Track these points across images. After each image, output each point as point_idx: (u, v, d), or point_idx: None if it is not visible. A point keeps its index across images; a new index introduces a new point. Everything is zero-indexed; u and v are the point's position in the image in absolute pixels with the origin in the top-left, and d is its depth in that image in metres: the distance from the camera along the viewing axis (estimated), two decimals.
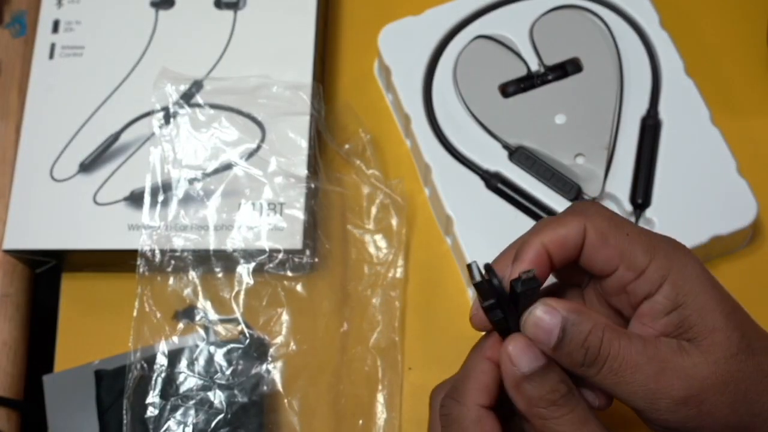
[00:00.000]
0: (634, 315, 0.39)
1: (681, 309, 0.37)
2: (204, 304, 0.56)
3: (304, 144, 0.57)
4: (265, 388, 0.54)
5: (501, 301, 0.37)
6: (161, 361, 0.54)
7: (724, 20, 0.64)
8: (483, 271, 0.37)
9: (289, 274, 0.56)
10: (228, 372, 0.54)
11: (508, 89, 0.59)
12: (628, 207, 0.55)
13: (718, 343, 0.36)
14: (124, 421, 0.52)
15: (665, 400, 0.36)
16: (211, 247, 0.56)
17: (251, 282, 0.56)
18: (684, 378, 0.36)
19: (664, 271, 0.37)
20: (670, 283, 0.37)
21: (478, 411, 0.39)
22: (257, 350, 0.54)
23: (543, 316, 0.37)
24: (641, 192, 0.55)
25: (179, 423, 0.52)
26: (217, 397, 0.53)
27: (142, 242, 0.55)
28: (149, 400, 0.53)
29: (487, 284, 0.37)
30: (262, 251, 0.56)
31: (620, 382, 0.36)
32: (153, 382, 0.53)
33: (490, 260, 0.40)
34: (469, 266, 0.37)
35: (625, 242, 0.38)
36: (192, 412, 0.53)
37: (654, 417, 0.37)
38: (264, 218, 0.56)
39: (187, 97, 0.59)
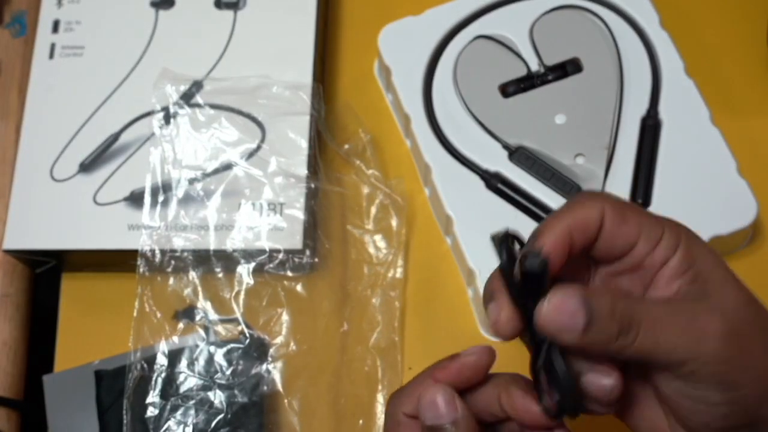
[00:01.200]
0: (651, 286, 0.39)
1: (696, 266, 0.37)
2: (204, 304, 0.56)
3: (304, 144, 0.57)
4: (265, 388, 0.54)
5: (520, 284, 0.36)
6: (161, 361, 0.54)
7: (724, 20, 0.64)
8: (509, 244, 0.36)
9: (289, 274, 0.56)
10: (228, 372, 0.54)
11: (508, 89, 0.59)
12: None
13: (732, 293, 0.37)
14: (124, 421, 0.52)
15: (709, 341, 0.35)
16: (211, 247, 0.56)
17: (251, 282, 0.56)
18: (719, 314, 0.36)
19: (677, 236, 0.38)
20: (683, 245, 0.38)
21: (401, 417, 0.41)
22: (257, 350, 0.54)
23: (562, 300, 0.35)
24: (641, 192, 0.55)
25: (179, 423, 0.52)
26: (217, 397, 0.53)
27: (142, 242, 0.55)
28: (149, 400, 0.53)
29: (510, 255, 0.36)
30: (262, 251, 0.56)
31: (659, 341, 0.36)
32: (153, 382, 0.53)
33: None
34: (494, 237, 0.36)
35: (641, 216, 0.38)
36: (192, 412, 0.53)
37: (698, 369, 0.36)
38: (264, 218, 0.56)
39: (187, 97, 0.59)
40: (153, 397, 0.53)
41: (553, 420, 0.38)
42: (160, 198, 0.56)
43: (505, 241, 0.36)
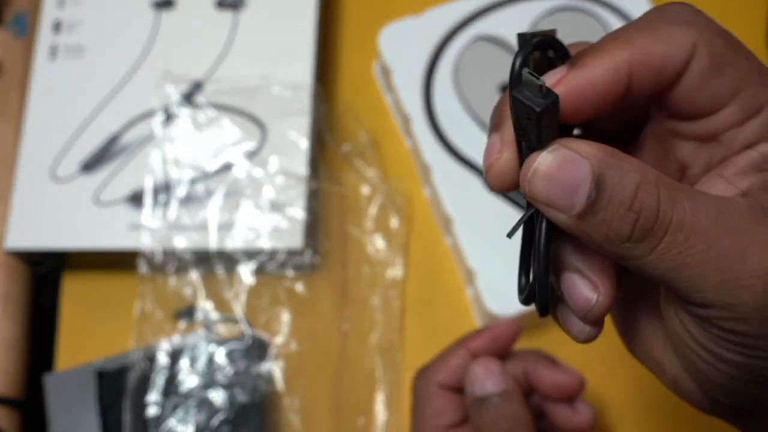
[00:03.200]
0: (714, 168, 0.28)
1: None
2: (205, 304, 0.56)
3: (304, 144, 0.57)
4: (265, 387, 0.54)
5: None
6: (162, 360, 0.54)
7: (724, 20, 0.63)
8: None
9: (290, 273, 0.57)
10: (229, 371, 0.54)
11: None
12: None
13: None
14: (126, 421, 0.53)
15: (751, 289, 0.25)
16: (212, 246, 0.56)
17: (252, 282, 0.56)
18: None
19: None
20: None
21: (434, 388, 0.39)
22: (258, 350, 0.55)
23: (563, 161, 0.25)
24: None
25: (180, 422, 0.53)
26: (218, 397, 0.53)
27: (144, 242, 0.56)
28: (150, 399, 0.53)
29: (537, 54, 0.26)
30: (262, 251, 0.56)
31: (684, 264, 0.25)
32: (154, 381, 0.53)
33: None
34: (520, 37, 0.26)
35: (744, 70, 0.27)
36: (193, 411, 0.53)
37: (723, 322, 0.26)
38: (264, 218, 0.56)
39: (187, 98, 0.59)
40: (154, 396, 0.53)
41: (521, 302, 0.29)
42: (161, 198, 0.57)
43: (527, 47, 0.26)
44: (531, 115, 0.25)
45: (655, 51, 0.26)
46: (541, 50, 0.27)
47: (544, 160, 0.25)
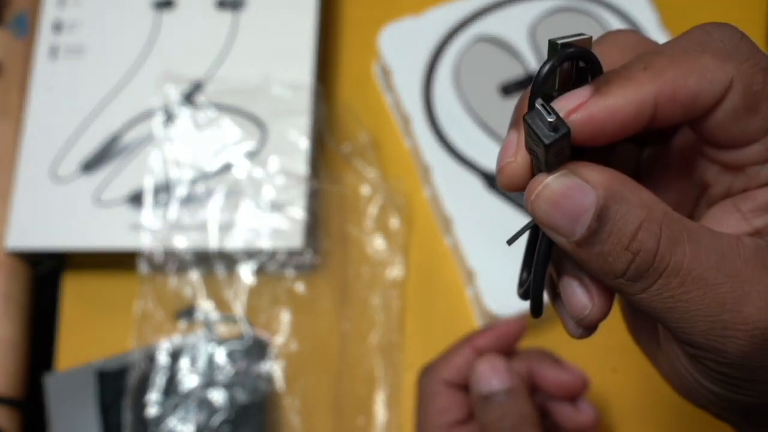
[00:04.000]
0: (732, 198, 0.28)
1: None
2: (205, 304, 0.56)
3: (304, 144, 0.57)
4: (265, 387, 0.54)
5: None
6: (163, 360, 0.54)
7: (724, 20, 0.64)
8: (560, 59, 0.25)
9: (290, 273, 0.57)
10: (229, 371, 0.54)
11: (508, 89, 0.59)
12: None
13: None
14: (126, 421, 0.53)
15: (738, 341, 0.25)
16: (213, 246, 0.56)
17: (252, 281, 0.56)
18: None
19: None
20: None
21: (439, 385, 0.39)
22: (258, 349, 0.55)
23: (568, 188, 0.25)
24: None
25: (180, 422, 0.53)
26: (218, 397, 0.53)
27: (144, 242, 0.56)
28: (150, 399, 0.53)
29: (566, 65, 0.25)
30: (262, 251, 0.56)
31: (675, 308, 0.25)
32: (154, 381, 0.53)
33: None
34: (552, 43, 0.25)
35: None
36: (193, 411, 0.53)
37: (709, 362, 0.26)
38: (264, 218, 0.56)
39: (188, 98, 0.59)
40: (154, 396, 0.53)
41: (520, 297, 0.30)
42: (162, 198, 0.57)
43: (556, 58, 0.25)
44: (539, 144, 0.25)
45: (686, 85, 0.25)
46: (571, 60, 0.25)
47: (550, 184, 0.25)
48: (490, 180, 0.56)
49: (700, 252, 0.25)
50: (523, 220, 0.55)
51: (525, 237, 0.29)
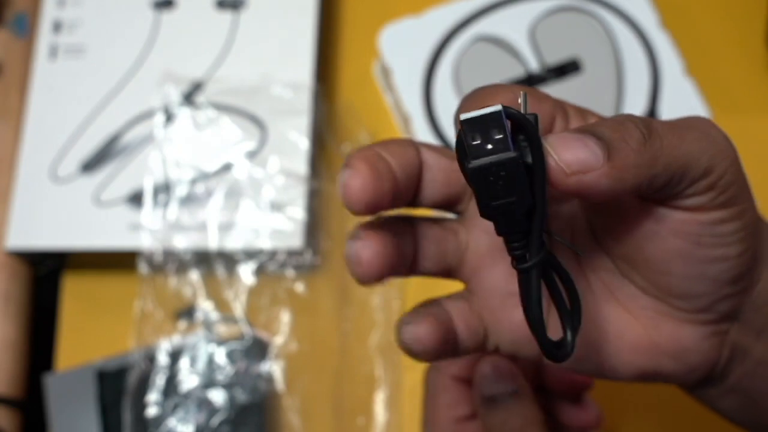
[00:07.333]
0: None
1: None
2: (205, 304, 0.56)
3: (304, 144, 0.57)
4: (265, 387, 0.54)
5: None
6: (162, 360, 0.54)
7: (724, 20, 0.64)
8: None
9: (290, 273, 0.57)
10: (229, 371, 0.54)
11: None
12: None
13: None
14: (126, 421, 0.53)
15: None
16: (212, 247, 0.56)
17: (252, 281, 0.56)
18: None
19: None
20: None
21: (448, 380, 0.39)
22: (258, 350, 0.55)
23: (570, 137, 0.28)
24: None
25: (180, 422, 0.53)
26: (218, 397, 0.53)
27: (144, 242, 0.56)
28: (150, 399, 0.53)
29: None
30: (262, 251, 0.56)
31: None
32: (154, 381, 0.53)
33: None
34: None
35: None
36: (193, 411, 0.53)
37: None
38: (264, 218, 0.56)
39: (188, 98, 0.59)
40: (154, 396, 0.53)
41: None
42: (161, 198, 0.57)
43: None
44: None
45: None
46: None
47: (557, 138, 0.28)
48: None
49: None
50: None
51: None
